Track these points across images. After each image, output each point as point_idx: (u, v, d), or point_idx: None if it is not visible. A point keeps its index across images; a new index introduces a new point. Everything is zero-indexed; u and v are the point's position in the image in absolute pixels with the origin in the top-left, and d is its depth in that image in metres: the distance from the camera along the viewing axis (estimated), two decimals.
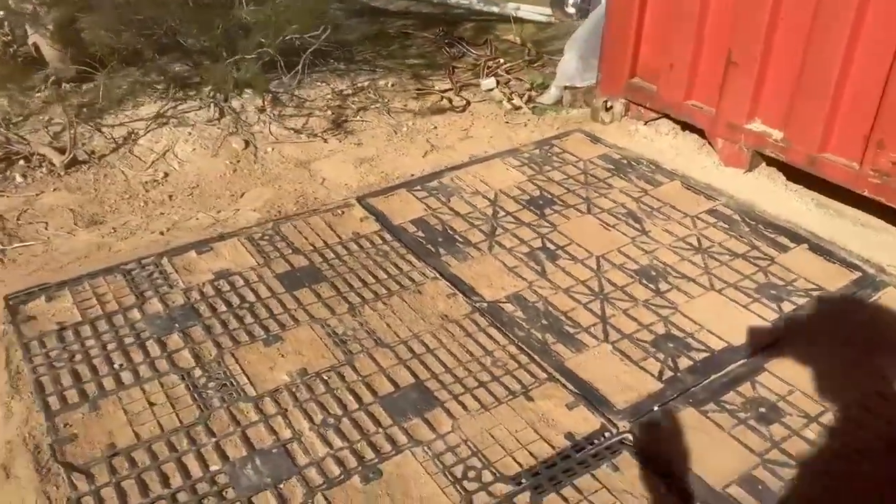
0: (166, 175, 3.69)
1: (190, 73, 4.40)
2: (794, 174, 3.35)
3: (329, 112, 4.32)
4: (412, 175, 3.65)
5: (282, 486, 2.02)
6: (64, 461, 2.07)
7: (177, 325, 2.57)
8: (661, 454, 2.13)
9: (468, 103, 4.54)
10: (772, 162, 3.41)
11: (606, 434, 2.19)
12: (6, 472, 2.09)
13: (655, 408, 2.28)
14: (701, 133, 3.65)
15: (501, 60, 5.04)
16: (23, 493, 2.03)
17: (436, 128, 4.27)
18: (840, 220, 3.16)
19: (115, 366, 2.40)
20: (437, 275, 2.86)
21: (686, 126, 3.74)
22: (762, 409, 2.27)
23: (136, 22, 4.02)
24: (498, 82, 4.77)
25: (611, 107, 3.96)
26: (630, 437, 2.18)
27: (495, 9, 5.79)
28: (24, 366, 2.42)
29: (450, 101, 4.59)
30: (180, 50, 4.41)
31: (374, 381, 2.36)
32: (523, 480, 2.04)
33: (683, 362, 2.46)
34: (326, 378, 2.37)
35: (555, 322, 2.63)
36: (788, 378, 2.38)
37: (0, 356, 2.49)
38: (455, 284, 2.81)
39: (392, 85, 4.73)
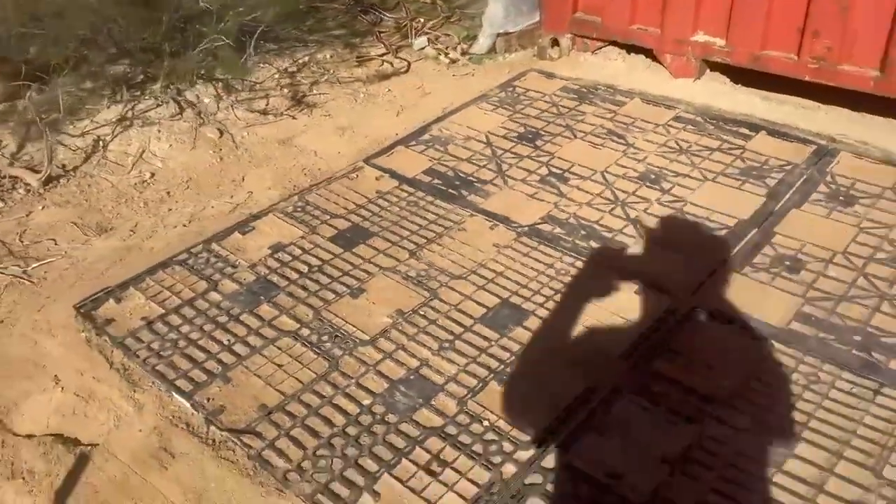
0: (153, 175, 3.70)
1: (134, 73, 4.35)
2: (738, 75, 3.84)
3: (285, 90, 4.42)
4: (397, 134, 3.85)
5: (433, 402, 2.25)
6: (228, 428, 2.20)
7: (262, 297, 2.70)
8: (727, 312, 2.53)
9: (409, 64, 4.76)
10: (716, 67, 3.89)
11: (680, 308, 2.57)
12: (171, 453, 2.19)
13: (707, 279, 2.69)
14: (647, 53, 4.07)
15: (422, 20, 5.27)
16: (200, 464, 2.14)
17: (390, 90, 4.47)
18: (785, 107, 3.69)
19: (224, 342, 2.51)
20: (472, 212, 3.12)
21: (632, 49, 4.15)
22: (787, 262, 2.73)
23: (77, 28, 3.94)
24: (429, 40, 5.01)
25: (557, 43, 4.31)
26: (698, 305, 2.57)
27: None
28: (131, 362, 2.48)
29: (391, 64, 4.79)
30: (120, 50, 4.34)
31: (466, 308, 2.62)
32: (632, 354, 2.39)
33: None
34: (423, 313, 2.60)
35: (591, 231, 2.97)
36: (796, 235, 2.85)
37: (98, 360, 2.54)
38: (491, 217, 3.09)
39: (331, 57, 4.86)
